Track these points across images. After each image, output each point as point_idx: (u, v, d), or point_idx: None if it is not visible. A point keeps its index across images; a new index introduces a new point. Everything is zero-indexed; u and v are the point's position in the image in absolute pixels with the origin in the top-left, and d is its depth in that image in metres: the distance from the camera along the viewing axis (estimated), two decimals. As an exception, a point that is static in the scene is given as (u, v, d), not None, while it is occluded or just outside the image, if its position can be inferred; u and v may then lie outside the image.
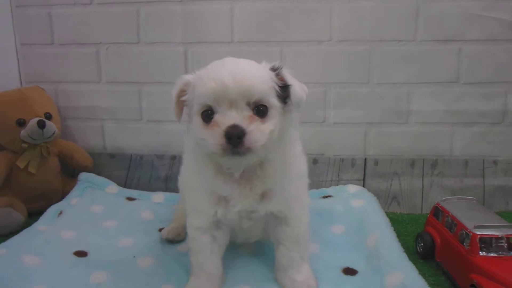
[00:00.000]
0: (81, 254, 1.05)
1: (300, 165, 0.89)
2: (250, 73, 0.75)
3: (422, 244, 1.04)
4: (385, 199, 1.38)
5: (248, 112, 0.74)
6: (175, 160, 1.48)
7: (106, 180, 1.42)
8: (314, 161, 1.42)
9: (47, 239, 1.09)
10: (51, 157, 1.37)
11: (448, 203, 1.04)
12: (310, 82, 1.35)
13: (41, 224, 1.17)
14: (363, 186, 1.36)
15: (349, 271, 0.96)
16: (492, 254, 0.86)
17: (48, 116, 1.32)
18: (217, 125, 0.73)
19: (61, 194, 1.42)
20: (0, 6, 1.37)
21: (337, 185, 1.38)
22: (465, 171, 1.37)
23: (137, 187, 1.46)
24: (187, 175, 0.90)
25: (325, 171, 1.42)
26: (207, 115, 0.75)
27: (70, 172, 1.50)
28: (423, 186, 1.39)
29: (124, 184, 1.46)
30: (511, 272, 0.80)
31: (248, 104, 0.75)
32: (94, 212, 1.28)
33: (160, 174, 1.49)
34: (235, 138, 0.71)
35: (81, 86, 1.45)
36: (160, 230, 1.18)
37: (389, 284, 0.87)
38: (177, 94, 0.82)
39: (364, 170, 1.41)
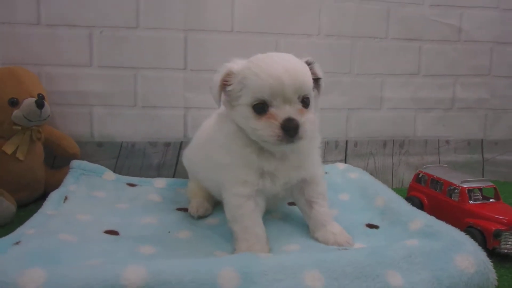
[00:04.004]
0: (112, 232, 1.11)
1: (318, 139, 1.13)
2: (300, 69, 0.95)
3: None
4: (363, 177, 1.70)
5: (299, 106, 0.94)
6: (169, 147, 1.59)
7: (101, 167, 1.47)
8: (303, 144, 1.68)
9: (67, 221, 1.13)
10: (37, 143, 1.38)
11: (429, 170, 1.36)
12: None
13: (49, 209, 1.18)
14: (345, 166, 1.66)
15: (372, 226, 1.18)
16: (477, 202, 1.18)
17: (42, 98, 1.35)
18: (273, 118, 0.92)
19: (43, 185, 1.43)
20: (-22, -21, 1.37)
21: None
22: (425, 150, 1.77)
23: (127, 176, 1.53)
24: (226, 155, 1.05)
25: (312, 153, 1.69)
26: (261, 107, 0.93)
27: (50, 162, 1.51)
28: (393, 164, 1.75)
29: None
30: (494, 211, 1.13)
31: (298, 97, 0.94)
32: (98, 197, 1.33)
33: (152, 162, 1.59)
34: (292, 130, 0.91)
35: (68, 69, 1.49)
36: (177, 209, 1.30)
37: (413, 229, 1.07)
38: (220, 81, 0.99)
39: (345, 151, 1.72)
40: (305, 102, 0.96)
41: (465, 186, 1.20)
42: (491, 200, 1.21)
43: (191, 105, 1.57)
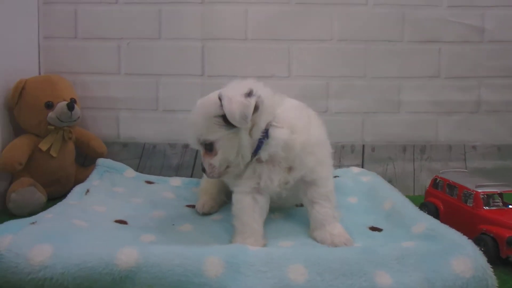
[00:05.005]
0: (121, 222, 1.22)
1: (317, 136, 1.14)
2: (194, 121, 1.09)
3: (426, 212, 1.27)
4: (382, 182, 1.71)
5: (203, 150, 1.10)
6: (187, 148, 1.74)
7: (123, 165, 1.63)
8: (318, 148, 1.74)
9: (84, 210, 1.26)
10: (69, 142, 1.59)
11: (446, 174, 1.34)
12: (315, 76, 1.73)
13: (71, 200, 1.32)
14: (362, 170, 1.68)
15: (375, 229, 1.19)
16: (494, 208, 1.15)
17: (73, 101, 1.56)
18: None
19: (73, 182, 1.62)
20: (28, 2, 1.64)
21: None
22: (449, 155, 1.74)
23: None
24: None
25: (328, 157, 1.74)
26: None
27: (80, 161, 1.72)
28: (414, 170, 1.73)
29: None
30: (511, 218, 1.09)
31: (200, 144, 1.10)
32: (117, 191, 1.48)
33: (171, 163, 1.74)
34: (203, 171, 1.14)
35: (99, 77, 1.72)
36: (187, 206, 1.40)
37: (416, 232, 1.06)
38: None
39: (362, 156, 1.75)
40: (208, 147, 1.10)
41: (479, 190, 1.17)
42: (510, 206, 1.17)
43: (207, 109, 1.72)
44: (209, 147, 1.09)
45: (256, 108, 1.03)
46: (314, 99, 1.72)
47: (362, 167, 1.72)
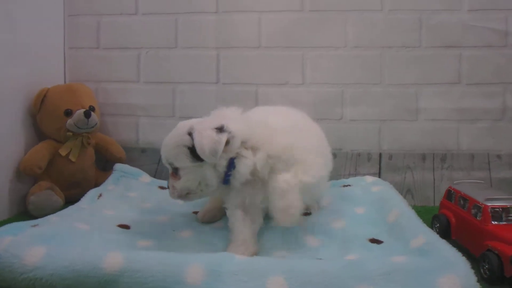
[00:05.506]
0: (124, 227, 1.26)
1: (281, 144, 1.12)
2: (166, 145, 1.13)
3: (438, 225, 1.24)
4: (400, 192, 1.62)
5: (170, 170, 1.15)
6: (203, 155, 1.78)
7: (139, 170, 1.69)
8: (332, 155, 1.72)
9: (91, 213, 1.32)
10: (88, 147, 1.66)
11: (460, 185, 1.28)
12: (329, 83, 1.72)
13: (83, 204, 1.39)
14: (379, 179, 1.65)
15: (375, 241, 1.17)
16: (503, 223, 1.07)
17: (92, 109, 1.63)
18: None
19: (93, 185, 1.70)
20: (54, 15, 1.75)
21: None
22: (472, 165, 1.67)
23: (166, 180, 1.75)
24: None
25: (343, 165, 1.72)
26: None
27: (101, 165, 1.79)
28: (434, 179, 1.68)
29: (154, 177, 1.74)
30: None
31: (167, 164, 1.14)
32: (130, 196, 1.53)
33: (187, 169, 1.79)
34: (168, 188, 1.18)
35: (120, 85, 1.80)
36: (194, 212, 1.42)
37: (414, 246, 1.04)
38: None
39: (379, 164, 1.71)
40: (175, 170, 1.14)
41: (488, 204, 1.11)
42: None
43: (222, 116, 1.75)
44: (175, 170, 1.14)
45: (226, 143, 1.06)
46: (328, 106, 1.72)
47: (379, 176, 1.68)
